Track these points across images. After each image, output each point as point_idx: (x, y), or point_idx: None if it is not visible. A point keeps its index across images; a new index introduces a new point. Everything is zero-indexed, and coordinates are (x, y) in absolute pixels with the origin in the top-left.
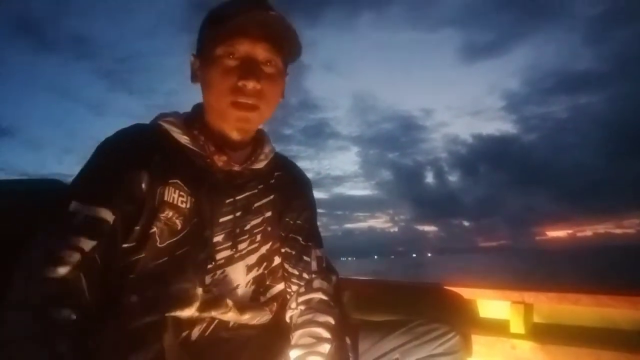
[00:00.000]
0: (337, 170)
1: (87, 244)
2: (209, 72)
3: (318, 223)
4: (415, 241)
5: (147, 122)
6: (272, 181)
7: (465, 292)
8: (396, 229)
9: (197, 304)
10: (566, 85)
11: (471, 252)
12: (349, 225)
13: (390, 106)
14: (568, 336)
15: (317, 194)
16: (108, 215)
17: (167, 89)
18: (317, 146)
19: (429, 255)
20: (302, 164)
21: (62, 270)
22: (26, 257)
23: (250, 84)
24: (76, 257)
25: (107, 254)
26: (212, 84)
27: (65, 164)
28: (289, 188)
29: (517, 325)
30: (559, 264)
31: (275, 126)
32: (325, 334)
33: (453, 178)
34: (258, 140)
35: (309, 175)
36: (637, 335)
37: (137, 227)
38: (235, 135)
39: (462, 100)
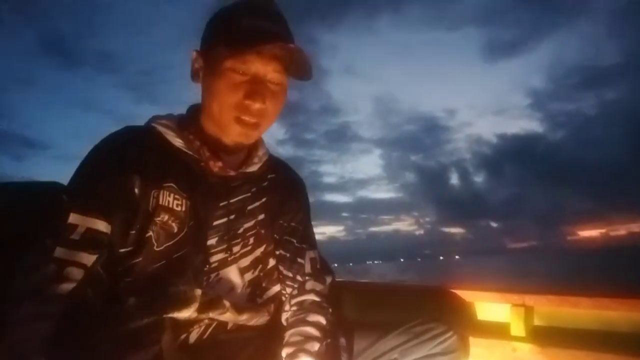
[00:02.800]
0: (361, 174)
1: (89, 259)
2: (216, 82)
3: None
4: (442, 243)
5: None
6: (265, 184)
7: (466, 295)
8: (422, 232)
9: (195, 305)
10: (592, 81)
11: (500, 254)
12: (373, 229)
13: (412, 107)
14: (568, 339)
15: (341, 198)
16: (105, 226)
17: (193, 97)
18: (339, 150)
19: (457, 257)
20: (325, 168)
21: (69, 287)
22: (28, 272)
23: (257, 105)
24: (80, 273)
25: (108, 264)
26: (216, 95)
27: None
28: (282, 190)
29: (517, 328)
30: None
31: (297, 131)
32: (315, 333)
33: (478, 179)
34: (253, 144)
35: (332, 179)
36: (637, 338)
37: (133, 232)
38: (231, 144)
39: (486, 100)
